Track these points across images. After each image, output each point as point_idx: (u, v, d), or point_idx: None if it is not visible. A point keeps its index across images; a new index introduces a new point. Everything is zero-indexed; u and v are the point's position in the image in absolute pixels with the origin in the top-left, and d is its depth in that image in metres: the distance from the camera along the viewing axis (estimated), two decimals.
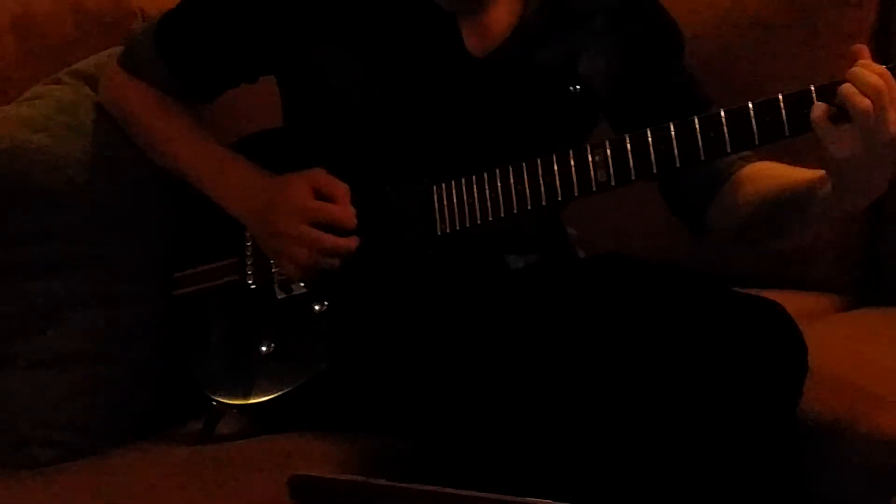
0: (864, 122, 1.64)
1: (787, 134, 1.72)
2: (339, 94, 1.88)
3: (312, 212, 1.85)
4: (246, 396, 1.88)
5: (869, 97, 1.63)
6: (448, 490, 1.34)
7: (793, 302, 2.13)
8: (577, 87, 1.89)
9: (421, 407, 1.82)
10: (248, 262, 1.92)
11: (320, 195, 1.86)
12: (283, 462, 1.78)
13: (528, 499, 1.31)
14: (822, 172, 1.73)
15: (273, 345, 1.88)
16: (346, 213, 1.86)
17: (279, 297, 1.90)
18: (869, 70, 1.65)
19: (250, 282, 1.92)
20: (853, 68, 1.66)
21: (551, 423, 1.74)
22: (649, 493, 1.68)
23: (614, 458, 1.69)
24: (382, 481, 1.37)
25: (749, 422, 1.67)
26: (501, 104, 1.88)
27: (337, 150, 1.91)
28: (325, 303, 1.88)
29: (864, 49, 1.70)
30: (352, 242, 1.86)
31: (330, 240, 1.85)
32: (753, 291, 1.87)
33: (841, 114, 1.66)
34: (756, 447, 1.68)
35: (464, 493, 1.35)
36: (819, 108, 1.67)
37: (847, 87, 1.65)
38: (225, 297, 1.93)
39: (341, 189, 1.87)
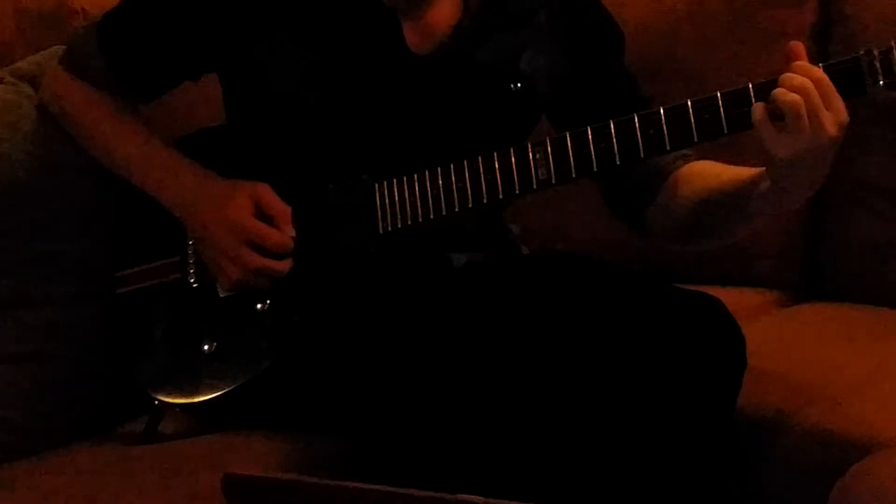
0: (798, 124, 1.65)
1: (725, 131, 1.73)
2: (281, 92, 1.88)
3: (250, 232, 1.85)
4: (188, 395, 1.88)
5: (799, 96, 1.65)
6: (384, 488, 1.34)
7: (735, 298, 2.16)
8: (519, 85, 1.90)
9: (363, 405, 1.81)
10: (191, 261, 1.92)
11: (261, 213, 1.87)
12: (225, 461, 1.78)
13: (464, 496, 1.32)
14: (760, 170, 1.74)
15: (215, 343, 1.88)
16: (283, 238, 1.86)
17: (221, 296, 1.90)
18: (801, 71, 1.67)
19: (192, 280, 1.92)
20: (784, 73, 1.67)
21: (491, 420, 1.74)
22: (590, 488, 1.69)
23: (553, 453, 1.70)
24: (316, 479, 1.37)
25: (688, 417, 1.69)
26: (443, 102, 1.89)
27: (279, 148, 1.91)
28: (268, 301, 1.88)
29: (799, 46, 1.71)
30: (284, 266, 1.86)
31: (262, 262, 1.85)
32: (696, 287, 1.89)
33: (779, 113, 1.68)
34: (695, 442, 1.70)
35: (401, 491, 1.35)
36: (759, 109, 1.68)
37: (779, 91, 1.67)
38: (167, 295, 1.93)
39: (283, 211, 1.87)
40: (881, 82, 1.67)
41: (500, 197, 1.81)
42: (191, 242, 1.92)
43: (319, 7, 1.87)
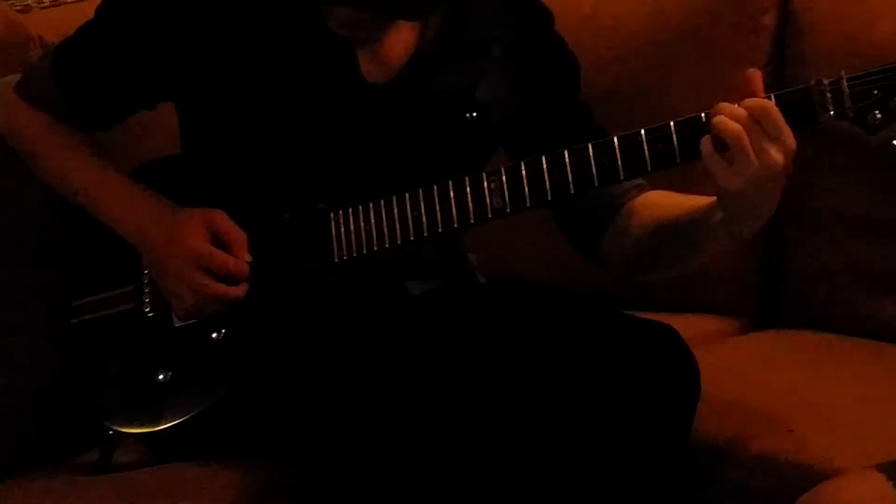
0: (742, 155, 1.66)
1: (678, 161, 1.73)
2: (236, 121, 1.88)
3: (205, 258, 1.85)
4: (143, 425, 1.87)
5: (740, 126, 1.65)
6: None
7: (693, 325, 2.18)
8: (474, 114, 1.90)
9: (319, 434, 1.82)
10: (146, 290, 1.92)
11: (217, 240, 1.87)
12: (180, 491, 1.78)
13: None
14: (712, 201, 1.75)
15: (170, 373, 1.87)
16: (238, 265, 1.86)
17: (176, 325, 1.90)
18: (748, 103, 1.67)
19: (147, 310, 1.91)
20: (722, 102, 1.68)
21: (446, 448, 1.74)
22: None
23: (507, 482, 1.70)
24: None
25: (641, 447, 1.69)
26: (398, 131, 1.89)
27: (235, 177, 1.91)
28: (223, 330, 1.87)
29: (756, 73, 1.72)
30: (239, 292, 1.85)
31: (218, 289, 1.85)
32: (653, 314, 1.90)
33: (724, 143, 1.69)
34: (648, 471, 1.70)
35: None
36: (707, 142, 1.69)
37: (719, 119, 1.67)
38: (122, 325, 1.92)
39: (238, 237, 1.87)
40: (831, 112, 1.68)
41: (456, 226, 1.82)
42: (146, 272, 1.92)
43: (274, 36, 1.88)
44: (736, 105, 1.68)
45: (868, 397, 1.92)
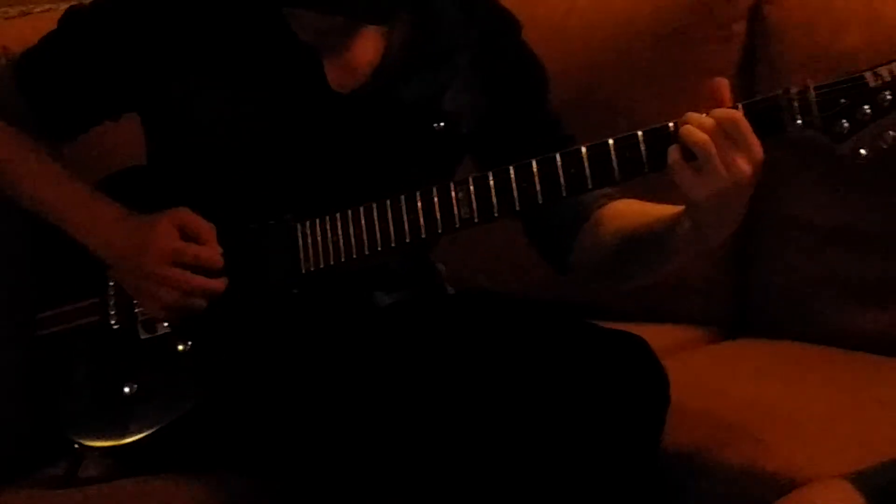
0: (710, 164, 1.65)
1: (646, 170, 1.73)
2: (202, 130, 1.87)
3: (178, 253, 1.84)
4: (109, 438, 1.85)
5: (707, 136, 1.65)
6: None
7: (663, 335, 2.19)
8: (442, 124, 1.90)
9: (287, 446, 1.81)
10: (111, 303, 1.90)
11: (186, 235, 1.85)
12: None
13: None
14: (679, 210, 1.75)
15: (136, 385, 1.86)
16: (212, 253, 1.84)
17: (143, 338, 1.88)
18: (713, 112, 1.67)
19: (113, 322, 1.90)
20: (690, 112, 1.68)
21: (415, 460, 1.74)
22: None
23: (475, 493, 1.69)
24: None
25: (611, 458, 1.69)
26: (365, 141, 1.88)
27: (201, 187, 1.90)
28: (189, 342, 1.86)
29: (723, 82, 1.72)
30: (219, 283, 1.84)
31: (197, 280, 1.84)
32: (624, 324, 1.90)
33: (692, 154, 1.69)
34: (618, 481, 1.70)
35: None
36: (675, 151, 1.68)
37: (687, 129, 1.67)
38: (87, 337, 1.90)
39: (207, 229, 1.85)
40: (799, 121, 1.68)
41: (423, 236, 1.81)
42: (111, 283, 1.90)
43: (240, 44, 1.87)
44: (704, 115, 1.68)
45: (837, 407, 1.93)
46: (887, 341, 2.15)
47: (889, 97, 1.66)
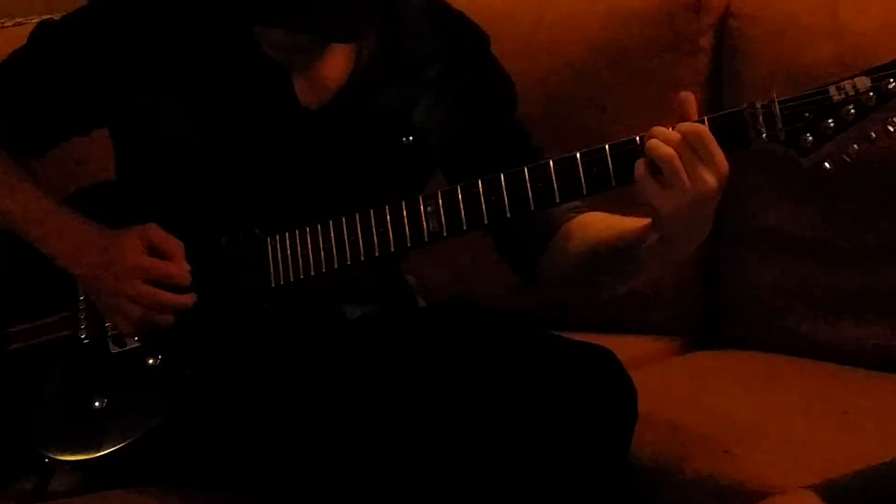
0: (676, 178, 1.67)
1: (613, 184, 1.74)
2: (171, 146, 1.88)
3: (146, 269, 1.84)
4: (79, 452, 1.85)
5: (673, 149, 1.66)
6: None
7: (632, 346, 2.20)
8: (411, 138, 1.91)
9: (256, 460, 1.81)
10: (81, 317, 1.90)
11: (154, 251, 1.86)
12: None
13: None
14: (647, 223, 1.76)
15: (106, 399, 1.86)
16: (180, 270, 1.85)
17: (113, 352, 1.88)
18: (679, 126, 1.68)
19: (83, 336, 1.90)
20: (657, 126, 1.69)
21: (387, 472, 1.75)
22: None
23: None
24: None
25: (578, 470, 1.70)
26: (335, 155, 1.89)
27: (171, 202, 1.90)
28: (159, 356, 1.86)
29: (690, 96, 1.73)
30: (187, 299, 1.85)
31: (165, 297, 1.84)
32: (594, 336, 1.91)
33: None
34: (587, 494, 1.71)
35: None
36: (641, 165, 1.69)
37: (653, 143, 1.68)
38: (58, 352, 1.90)
39: (175, 245, 1.86)
40: (763, 135, 1.69)
41: (392, 250, 1.82)
42: (81, 298, 1.91)
43: (209, 60, 1.87)
44: (669, 129, 1.69)
45: (805, 417, 1.94)
46: (854, 352, 2.17)
47: (852, 111, 1.68)
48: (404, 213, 1.81)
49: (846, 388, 2.07)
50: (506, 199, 1.77)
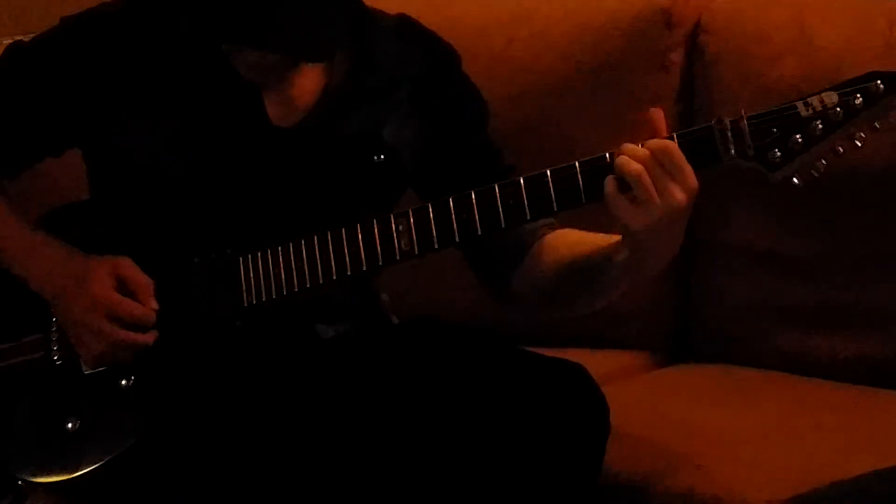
0: (645, 194, 1.67)
1: (584, 200, 1.74)
2: (144, 166, 1.88)
3: (112, 306, 1.84)
4: (52, 474, 1.85)
5: (641, 166, 1.67)
6: None
7: (606, 361, 2.21)
8: (382, 156, 1.91)
9: (231, 479, 1.81)
10: (54, 339, 1.90)
11: (124, 288, 1.86)
12: None
13: None
14: (617, 239, 1.77)
15: (79, 421, 1.86)
16: (145, 311, 1.85)
17: (86, 373, 1.88)
18: (650, 143, 1.69)
19: (56, 357, 1.90)
20: (626, 143, 1.70)
21: (362, 490, 1.75)
22: None
23: None
24: None
25: (552, 486, 1.70)
26: (306, 175, 1.89)
27: (144, 222, 1.90)
28: (132, 377, 1.86)
29: (658, 113, 1.74)
30: (147, 338, 1.85)
31: (125, 336, 1.84)
32: (568, 351, 1.91)
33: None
34: None
35: None
36: (611, 182, 1.70)
37: (622, 159, 1.69)
38: (30, 373, 1.90)
39: (144, 284, 1.86)
40: (732, 151, 1.70)
41: (364, 268, 1.82)
42: (54, 319, 1.90)
43: (181, 81, 1.88)
44: (639, 145, 1.70)
45: (777, 431, 1.95)
46: (826, 366, 2.18)
47: (820, 126, 1.69)
48: (376, 231, 1.81)
49: (818, 401, 2.08)
50: (477, 216, 1.78)
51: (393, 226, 1.81)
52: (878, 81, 1.68)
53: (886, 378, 2.13)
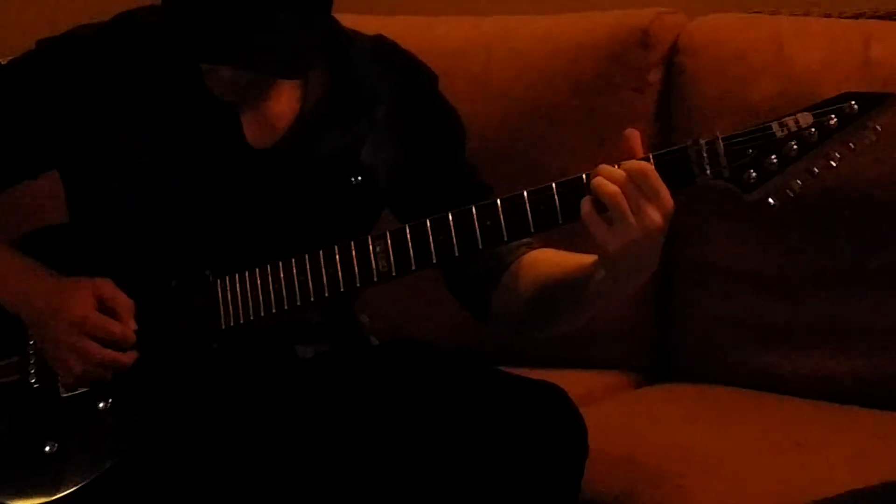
0: (621, 215, 1.67)
1: (560, 221, 1.75)
2: (121, 188, 1.88)
3: (92, 326, 1.84)
4: (30, 497, 1.84)
5: (618, 187, 1.67)
6: None
7: (585, 381, 2.21)
8: (359, 178, 1.91)
9: (209, 501, 1.81)
10: (31, 361, 1.89)
11: (104, 307, 1.86)
12: None
13: None
14: (594, 259, 1.77)
15: (57, 444, 1.85)
16: (125, 331, 1.85)
17: (63, 396, 1.88)
18: (627, 164, 1.69)
19: (33, 381, 1.89)
20: (602, 164, 1.70)
21: None
22: None
23: None
24: None
25: None
26: (283, 195, 1.89)
27: (122, 244, 1.90)
28: (110, 400, 1.86)
29: (635, 133, 1.74)
30: (128, 358, 1.85)
31: (105, 354, 1.84)
32: (547, 371, 1.92)
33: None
34: None
35: None
36: (587, 203, 1.70)
37: (598, 181, 1.69)
38: (7, 396, 1.89)
39: (124, 303, 1.86)
40: (708, 172, 1.70)
41: (342, 290, 1.82)
42: (31, 342, 1.90)
43: (158, 102, 1.88)
44: (615, 167, 1.70)
45: (757, 450, 1.95)
46: (806, 384, 2.19)
47: (795, 147, 1.69)
48: (353, 253, 1.81)
49: (799, 419, 2.08)
50: (454, 237, 1.78)
51: (370, 247, 1.81)
52: (853, 102, 1.69)
53: (866, 396, 2.14)
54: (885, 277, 2.14)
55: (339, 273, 1.81)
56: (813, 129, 1.69)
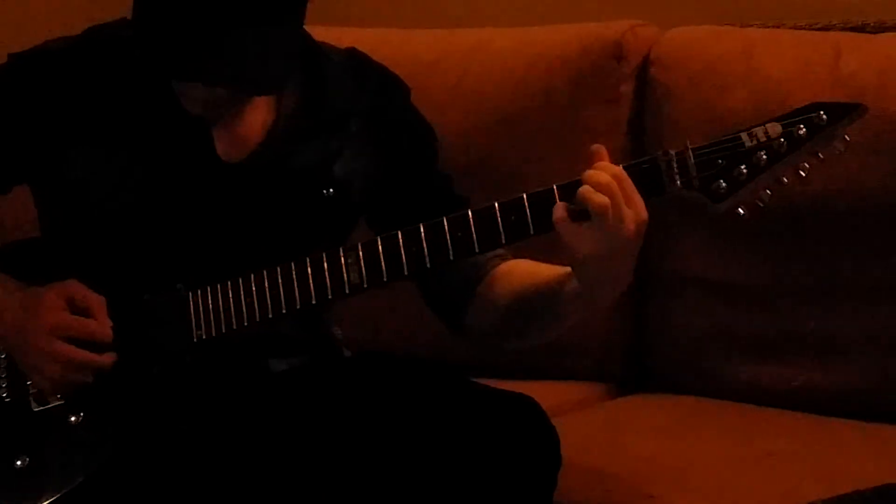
0: (602, 221, 1.68)
1: (532, 232, 1.75)
2: (92, 203, 1.87)
3: (66, 327, 1.83)
4: None
5: (605, 195, 1.68)
6: None
7: (558, 392, 2.21)
8: (332, 190, 1.91)
9: None
10: (2, 375, 1.89)
11: (75, 308, 1.85)
12: None
13: None
14: (568, 270, 1.77)
15: (28, 458, 1.84)
16: (101, 327, 1.84)
17: (35, 410, 1.87)
18: (603, 171, 1.70)
19: (4, 395, 1.88)
20: (588, 171, 1.71)
21: None
22: None
23: None
24: None
25: None
26: (256, 209, 1.89)
27: (93, 258, 1.89)
28: (82, 414, 1.85)
29: (601, 148, 1.75)
30: (106, 358, 1.84)
31: (84, 355, 1.83)
32: (521, 383, 1.92)
33: (582, 213, 1.71)
34: None
35: None
36: (560, 209, 1.71)
37: (585, 189, 1.70)
38: None
39: (96, 301, 1.85)
40: (678, 182, 1.71)
41: (313, 302, 1.82)
42: (2, 356, 1.89)
43: (129, 117, 1.88)
44: (600, 172, 1.70)
45: (729, 460, 1.95)
46: (779, 394, 2.19)
47: (764, 157, 1.70)
48: (325, 265, 1.81)
49: (770, 429, 2.09)
50: (426, 249, 1.78)
51: (342, 259, 1.81)
52: (822, 112, 1.70)
53: (838, 406, 2.14)
54: (860, 287, 2.15)
55: (311, 285, 1.81)
56: (782, 140, 1.70)
